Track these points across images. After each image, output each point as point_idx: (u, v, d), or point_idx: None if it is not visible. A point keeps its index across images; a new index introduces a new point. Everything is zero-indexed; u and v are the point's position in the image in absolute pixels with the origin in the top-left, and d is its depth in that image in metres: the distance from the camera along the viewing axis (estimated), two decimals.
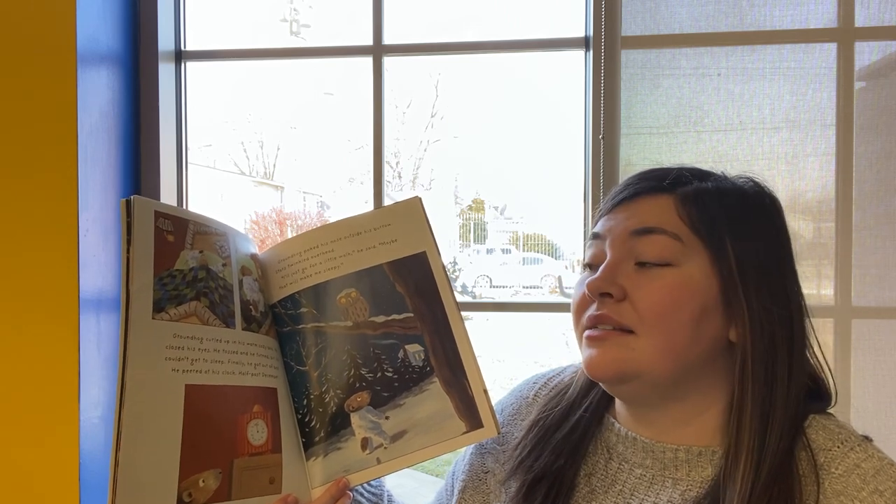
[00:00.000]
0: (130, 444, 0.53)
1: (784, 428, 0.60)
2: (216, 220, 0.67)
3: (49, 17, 1.25)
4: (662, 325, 0.61)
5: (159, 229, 0.60)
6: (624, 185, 0.68)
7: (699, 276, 0.62)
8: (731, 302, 0.62)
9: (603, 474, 0.68)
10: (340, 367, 0.67)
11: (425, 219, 0.71)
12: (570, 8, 1.53)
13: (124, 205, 0.58)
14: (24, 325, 1.25)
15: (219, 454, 0.58)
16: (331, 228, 0.71)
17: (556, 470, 0.68)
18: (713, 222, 0.62)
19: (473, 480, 0.77)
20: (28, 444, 1.25)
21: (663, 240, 0.62)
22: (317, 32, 13.80)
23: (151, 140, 1.45)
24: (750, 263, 0.62)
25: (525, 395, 0.80)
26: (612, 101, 1.35)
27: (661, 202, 0.64)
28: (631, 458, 0.67)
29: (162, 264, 0.59)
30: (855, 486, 0.58)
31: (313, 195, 14.19)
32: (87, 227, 1.27)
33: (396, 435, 0.66)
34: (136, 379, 0.54)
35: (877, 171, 1.33)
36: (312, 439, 0.66)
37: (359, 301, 0.69)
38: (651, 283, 0.62)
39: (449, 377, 0.67)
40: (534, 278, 11.70)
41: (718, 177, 0.68)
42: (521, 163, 16.78)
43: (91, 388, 1.28)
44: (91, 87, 1.29)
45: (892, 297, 1.31)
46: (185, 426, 0.56)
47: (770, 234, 0.65)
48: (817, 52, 1.34)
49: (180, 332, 0.58)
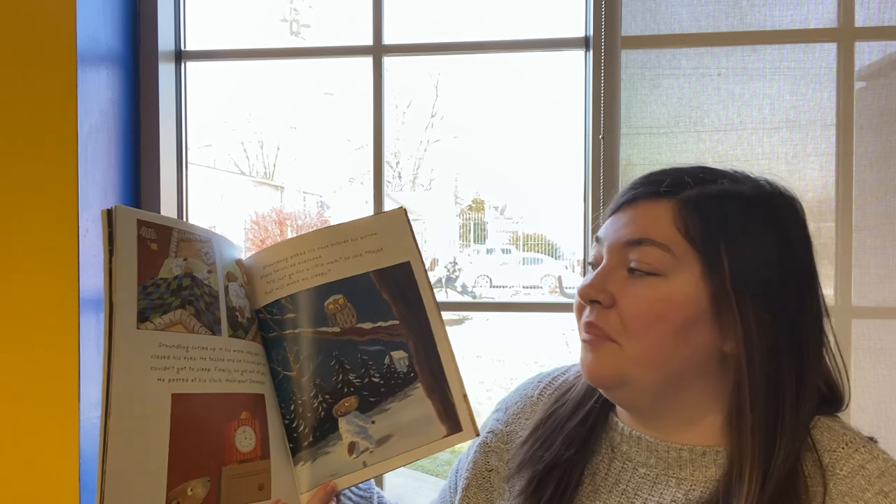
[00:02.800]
0: (117, 454, 0.53)
1: (794, 438, 0.59)
2: (200, 227, 0.67)
3: (49, 17, 1.25)
4: (644, 336, 0.61)
5: (142, 238, 0.59)
6: (627, 188, 0.68)
7: (686, 288, 0.60)
8: (723, 315, 0.60)
9: (607, 473, 0.69)
10: (329, 372, 0.68)
11: (410, 229, 0.73)
12: (570, 8, 1.53)
13: (105, 214, 0.58)
14: (24, 325, 1.25)
15: (207, 462, 0.58)
16: (318, 235, 0.71)
17: (565, 461, 0.68)
18: (709, 232, 0.61)
19: (477, 478, 0.77)
20: (28, 444, 1.25)
21: (653, 251, 0.61)
22: (317, 32, 13.81)
23: (151, 140, 1.45)
24: (749, 274, 0.60)
25: (529, 394, 0.80)
26: (612, 101, 1.35)
27: (659, 209, 0.63)
28: (635, 457, 0.67)
29: (146, 273, 0.59)
30: (860, 486, 0.58)
31: (313, 195, 14.19)
32: (87, 227, 1.27)
33: (382, 439, 0.67)
34: (121, 390, 0.54)
35: (877, 171, 1.33)
36: (300, 444, 0.66)
37: (346, 307, 0.69)
38: (636, 293, 0.62)
39: (431, 383, 0.69)
40: (534, 278, 11.70)
41: (729, 178, 0.65)
42: (521, 163, 16.78)
43: (91, 388, 1.27)
44: (91, 87, 1.29)
45: (892, 297, 1.31)
46: (172, 435, 0.56)
47: (778, 240, 0.62)
48: (817, 52, 1.34)
49: (166, 342, 0.58)
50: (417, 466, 4.78)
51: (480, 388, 6.63)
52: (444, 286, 11.11)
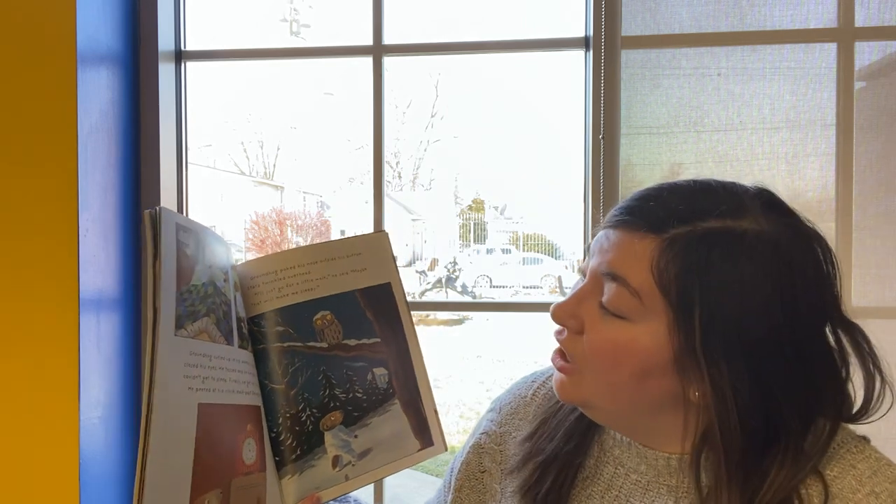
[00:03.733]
0: (154, 463, 0.51)
1: (793, 475, 0.55)
2: (214, 232, 0.67)
3: (49, 17, 1.25)
4: (602, 373, 0.60)
5: (179, 242, 0.58)
6: (621, 206, 0.63)
7: (649, 340, 0.57)
8: (688, 371, 0.56)
9: (599, 478, 0.68)
10: (316, 386, 0.69)
11: (391, 252, 0.76)
12: (570, 8, 1.53)
13: (148, 217, 0.56)
14: (24, 325, 1.25)
15: (222, 474, 0.58)
16: (306, 251, 0.72)
17: (564, 454, 0.69)
18: (685, 285, 0.55)
19: (470, 479, 0.77)
20: (28, 444, 1.25)
21: (623, 293, 0.58)
22: (317, 32, 13.82)
23: (151, 140, 1.45)
24: (727, 334, 0.54)
25: (523, 394, 0.80)
26: (612, 101, 1.35)
27: (639, 247, 0.58)
28: (627, 462, 0.67)
29: (182, 279, 0.58)
30: (850, 487, 0.56)
31: (313, 195, 14.20)
32: (87, 227, 1.27)
33: (363, 453, 0.69)
34: (162, 396, 0.53)
35: (877, 171, 1.33)
36: (286, 458, 0.67)
37: (334, 324, 0.71)
38: (599, 331, 0.60)
39: (408, 399, 0.72)
40: (534, 278, 11.71)
41: (731, 209, 0.57)
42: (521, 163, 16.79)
43: (91, 388, 1.28)
44: (91, 87, 1.29)
45: (892, 297, 1.31)
46: (196, 446, 0.55)
47: (776, 295, 0.54)
48: (817, 52, 1.34)
49: (195, 350, 0.57)
50: (417, 466, 4.77)
51: (480, 388, 6.63)
52: (444, 286, 11.11)
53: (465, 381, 6.92)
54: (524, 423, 0.76)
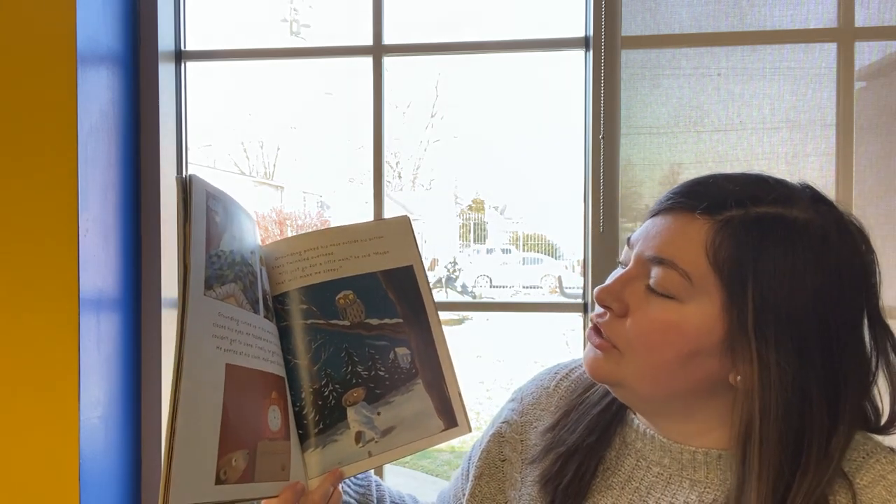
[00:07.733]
0: (185, 415, 0.54)
1: (819, 480, 0.55)
2: (242, 206, 0.70)
3: (49, 17, 1.25)
4: (646, 355, 0.60)
5: (209, 209, 0.61)
6: (668, 193, 0.63)
7: (700, 319, 0.58)
8: (737, 352, 0.57)
9: (620, 470, 0.68)
10: (339, 363, 0.71)
11: (413, 236, 0.78)
12: (570, 8, 1.53)
13: (180, 182, 0.59)
14: (24, 324, 1.25)
15: (248, 435, 0.60)
16: (330, 233, 0.74)
17: (586, 446, 0.69)
18: (739, 264, 0.56)
19: (490, 467, 0.78)
20: (28, 444, 1.25)
21: (672, 274, 0.59)
22: (317, 32, 13.82)
23: (151, 140, 1.45)
24: (778, 316, 0.55)
25: (546, 385, 0.80)
26: (612, 101, 1.35)
27: (691, 229, 0.59)
28: (649, 455, 0.67)
29: (211, 243, 0.60)
30: (881, 497, 0.56)
31: (313, 195, 14.19)
32: (87, 227, 1.27)
33: (386, 430, 0.70)
34: (191, 353, 0.55)
35: (877, 171, 1.33)
36: (309, 431, 0.68)
37: (356, 303, 0.73)
38: (648, 312, 0.60)
39: (430, 379, 0.73)
40: (534, 278, 11.71)
41: (782, 196, 0.58)
42: (521, 163, 16.79)
43: (91, 388, 1.28)
44: (91, 87, 1.29)
45: (892, 297, 1.31)
46: (224, 404, 0.58)
47: (825, 281, 0.56)
48: (817, 52, 1.34)
49: (224, 312, 0.60)
50: (418, 466, 4.78)
51: (480, 388, 6.63)
52: (444, 286, 11.11)
53: (465, 381, 6.91)
54: (546, 414, 0.76)
